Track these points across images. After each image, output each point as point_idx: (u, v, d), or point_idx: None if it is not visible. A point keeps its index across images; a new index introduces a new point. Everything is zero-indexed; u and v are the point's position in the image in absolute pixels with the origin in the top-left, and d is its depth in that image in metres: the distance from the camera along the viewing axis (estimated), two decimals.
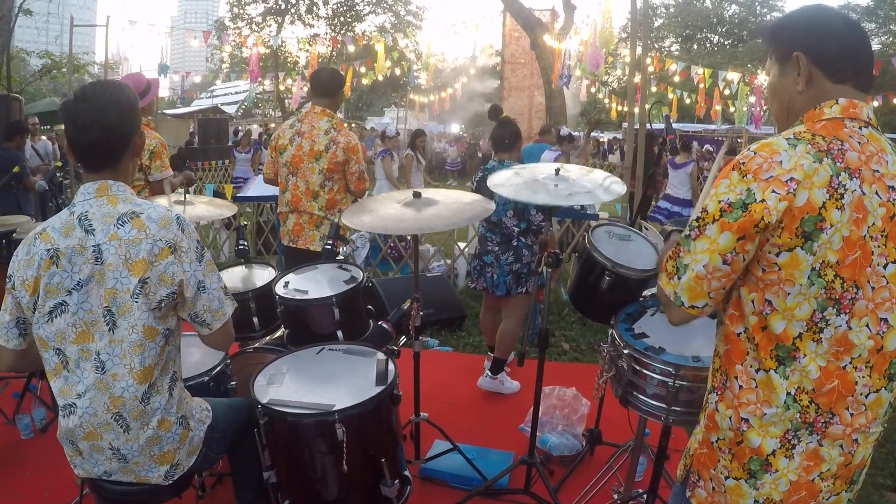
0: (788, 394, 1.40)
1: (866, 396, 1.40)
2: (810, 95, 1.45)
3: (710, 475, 1.53)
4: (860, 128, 1.40)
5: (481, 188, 3.95)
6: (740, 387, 1.45)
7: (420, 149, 9.47)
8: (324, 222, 3.89)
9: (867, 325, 1.38)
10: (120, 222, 1.83)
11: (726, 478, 1.48)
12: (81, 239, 1.82)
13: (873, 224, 1.35)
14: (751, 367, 1.44)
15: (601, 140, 24.31)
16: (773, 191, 1.31)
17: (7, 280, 1.89)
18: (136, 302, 1.82)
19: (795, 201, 1.31)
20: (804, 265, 1.34)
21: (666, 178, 9.50)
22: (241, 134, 16.49)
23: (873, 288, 1.37)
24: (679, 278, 1.44)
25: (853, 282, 1.35)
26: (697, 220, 1.41)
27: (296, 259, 3.79)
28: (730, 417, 1.47)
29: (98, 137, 1.85)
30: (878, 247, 1.36)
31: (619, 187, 2.80)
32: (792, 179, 1.31)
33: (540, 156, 8.17)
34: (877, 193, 1.35)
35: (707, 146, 20.54)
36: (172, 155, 9.28)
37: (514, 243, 4.10)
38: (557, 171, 2.84)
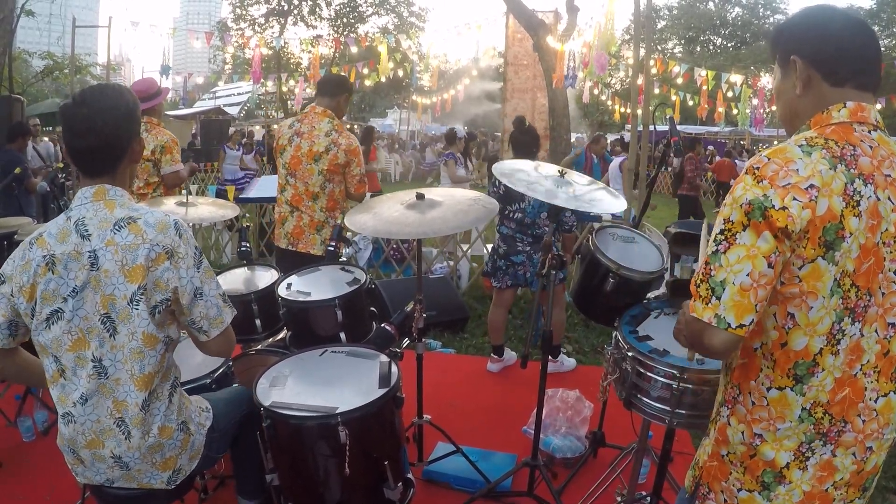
0: (804, 409, 1.38)
1: (875, 401, 1.39)
2: (809, 99, 1.42)
3: (722, 487, 1.51)
4: (869, 132, 1.37)
5: (510, 191, 3.97)
6: (753, 403, 1.43)
7: (471, 151, 8.81)
8: (325, 226, 3.84)
9: (875, 331, 1.36)
10: (117, 227, 1.80)
11: (739, 490, 1.47)
12: (77, 244, 1.79)
13: (886, 230, 1.32)
14: (762, 384, 1.41)
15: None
16: (795, 198, 1.26)
17: None
18: (136, 309, 1.79)
19: (817, 209, 1.26)
20: (827, 276, 1.29)
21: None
22: (232, 130, 16.07)
23: (883, 294, 1.35)
24: (718, 298, 1.31)
25: (867, 289, 1.33)
26: (722, 232, 1.33)
27: (293, 263, 3.61)
28: (742, 432, 1.45)
29: (95, 144, 1.80)
30: (890, 252, 1.34)
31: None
32: (812, 187, 1.27)
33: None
34: (889, 199, 1.33)
35: (710, 147, 20.55)
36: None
37: None
38: (561, 172, 2.84)
